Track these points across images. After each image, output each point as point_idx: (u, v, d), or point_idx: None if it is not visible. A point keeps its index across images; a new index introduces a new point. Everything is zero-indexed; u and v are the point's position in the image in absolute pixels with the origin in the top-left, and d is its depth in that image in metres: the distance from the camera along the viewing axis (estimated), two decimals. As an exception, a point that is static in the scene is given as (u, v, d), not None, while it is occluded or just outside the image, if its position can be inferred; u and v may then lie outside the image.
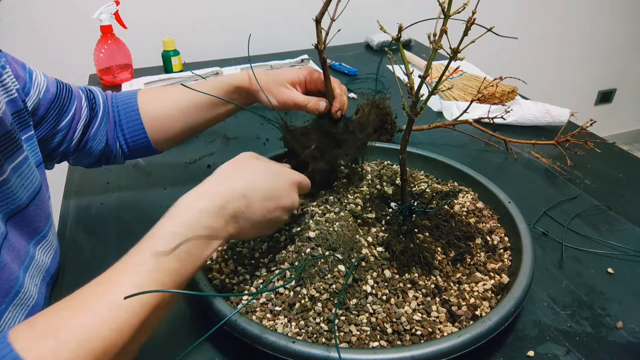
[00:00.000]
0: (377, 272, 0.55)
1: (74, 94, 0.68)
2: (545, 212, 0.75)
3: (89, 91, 0.72)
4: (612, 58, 2.37)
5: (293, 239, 0.59)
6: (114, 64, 1.25)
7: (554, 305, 0.58)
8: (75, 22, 1.41)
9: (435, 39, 0.48)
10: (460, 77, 1.19)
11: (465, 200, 0.69)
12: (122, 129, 0.72)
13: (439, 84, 0.52)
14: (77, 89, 0.70)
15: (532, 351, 0.52)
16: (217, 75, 1.29)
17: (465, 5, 0.46)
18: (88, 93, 0.72)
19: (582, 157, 0.89)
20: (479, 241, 0.61)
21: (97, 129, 0.70)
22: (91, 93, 0.72)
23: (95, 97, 0.72)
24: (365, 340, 0.49)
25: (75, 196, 0.81)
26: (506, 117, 0.90)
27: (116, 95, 0.75)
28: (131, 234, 0.72)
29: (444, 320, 0.52)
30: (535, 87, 1.26)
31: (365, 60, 1.46)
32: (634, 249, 0.67)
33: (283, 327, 0.50)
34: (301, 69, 0.72)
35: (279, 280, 0.55)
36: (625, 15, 2.25)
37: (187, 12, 1.52)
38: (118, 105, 0.73)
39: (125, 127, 0.72)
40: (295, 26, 1.64)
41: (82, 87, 0.72)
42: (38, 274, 0.58)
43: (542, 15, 2.08)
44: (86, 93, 0.72)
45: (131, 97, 0.73)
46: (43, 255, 0.60)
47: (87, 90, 0.72)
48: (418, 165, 0.79)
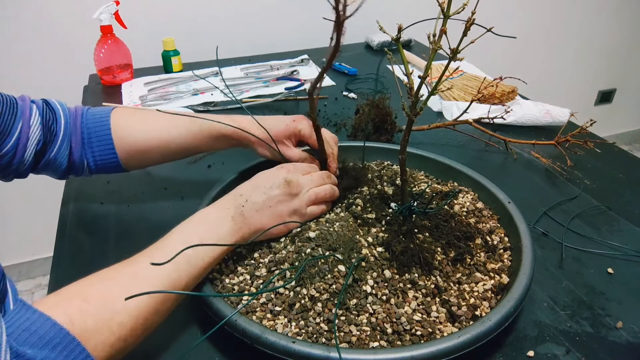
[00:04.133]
0: (377, 272, 0.55)
1: (18, 114, 0.62)
2: (545, 212, 0.75)
3: (48, 108, 0.67)
4: (612, 58, 2.37)
5: (293, 239, 0.59)
6: (114, 64, 1.25)
7: (554, 305, 0.58)
8: (75, 22, 1.41)
9: (435, 39, 0.48)
10: (460, 77, 1.19)
11: (465, 200, 0.69)
12: (92, 149, 0.69)
13: (438, 84, 0.52)
14: (27, 106, 0.64)
15: (532, 351, 0.52)
16: (217, 76, 1.29)
17: (464, 5, 0.46)
18: (45, 111, 0.66)
19: (582, 157, 0.89)
20: (479, 241, 0.61)
21: (57, 152, 0.66)
22: (50, 111, 0.67)
23: (55, 115, 0.67)
24: (365, 341, 0.49)
25: (75, 196, 0.81)
26: (506, 117, 0.90)
27: (88, 113, 0.70)
28: (131, 234, 0.72)
29: (444, 321, 0.52)
30: (535, 87, 1.26)
31: (365, 60, 1.46)
32: (634, 249, 0.67)
33: (283, 327, 0.50)
34: (295, 123, 0.70)
35: (279, 280, 0.55)
36: (625, 15, 2.25)
37: (187, 12, 1.52)
38: (89, 124, 0.69)
39: (96, 147, 0.69)
40: (295, 26, 1.64)
41: (40, 103, 0.67)
42: None
43: (542, 15, 2.08)
44: (42, 111, 0.66)
45: (104, 118, 0.70)
46: None
47: (45, 106, 0.67)
48: (418, 166, 0.79)
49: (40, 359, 0.38)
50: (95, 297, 0.43)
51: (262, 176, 0.61)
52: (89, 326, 0.41)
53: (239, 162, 0.77)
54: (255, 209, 0.57)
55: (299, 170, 0.63)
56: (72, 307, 0.41)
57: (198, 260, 0.51)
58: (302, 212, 0.60)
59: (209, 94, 1.18)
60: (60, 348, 0.38)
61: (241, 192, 0.58)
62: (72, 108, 0.71)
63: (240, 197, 0.58)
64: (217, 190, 0.68)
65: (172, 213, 0.76)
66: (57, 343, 0.38)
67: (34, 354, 0.37)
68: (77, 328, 0.40)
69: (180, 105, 1.11)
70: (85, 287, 0.45)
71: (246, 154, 0.74)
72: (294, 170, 0.62)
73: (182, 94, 1.17)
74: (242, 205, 0.57)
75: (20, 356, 0.37)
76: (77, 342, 0.39)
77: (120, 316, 0.43)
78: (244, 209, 0.56)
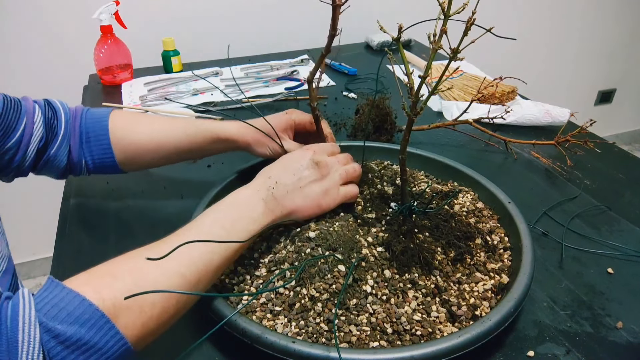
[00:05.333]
0: (377, 272, 0.55)
1: (22, 112, 0.64)
2: (545, 212, 0.75)
3: (50, 108, 0.69)
4: (612, 58, 2.37)
5: (293, 239, 0.59)
6: (114, 64, 1.25)
7: (554, 305, 0.58)
8: (75, 22, 1.41)
9: (435, 39, 0.48)
10: (460, 77, 1.19)
11: (465, 200, 0.69)
12: (90, 149, 0.70)
13: (439, 84, 0.52)
14: (31, 105, 0.66)
15: (532, 351, 0.52)
16: (217, 76, 1.29)
17: (465, 5, 0.46)
18: (47, 110, 0.68)
19: (582, 157, 0.89)
20: (479, 241, 0.61)
21: (57, 150, 0.68)
22: (52, 110, 0.68)
23: (56, 114, 0.68)
24: (365, 340, 0.49)
25: (75, 195, 0.81)
26: (506, 117, 0.89)
27: (88, 113, 0.71)
28: (131, 233, 0.72)
29: (444, 321, 0.52)
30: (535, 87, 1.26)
31: (365, 60, 1.46)
32: (634, 249, 0.67)
33: (283, 327, 0.50)
34: (288, 115, 0.71)
35: (279, 280, 0.55)
36: (626, 15, 2.25)
37: (187, 12, 1.52)
38: (88, 124, 0.70)
39: (94, 147, 0.70)
40: (295, 26, 1.64)
41: (42, 102, 0.68)
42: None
43: (542, 15, 2.08)
44: (44, 110, 0.68)
45: (103, 119, 0.71)
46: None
47: (47, 106, 0.69)
48: (418, 165, 0.79)
49: (70, 334, 0.38)
50: (126, 276, 0.43)
51: (289, 157, 0.61)
52: (119, 303, 0.41)
53: (238, 163, 0.77)
54: (286, 190, 0.57)
55: (324, 150, 0.63)
56: (103, 285, 0.41)
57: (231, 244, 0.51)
58: (334, 191, 0.60)
59: (209, 94, 1.18)
60: (89, 324, 0.38)
61: (269, 175, 0.58)
62: (72, 108, 0.72)
63: (269, 179, 0.57)
64: (216, 190, 0.68)
65: (172, 212, 0.76)
66: (87, 319, 0.38)
67: (64, 330, 0.38)
68: (108, 304, 0.40)
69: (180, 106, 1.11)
70: (116, 266, 0.45)
71: (245, 155, 0.74)
72: (320, 151, 0.62)
73: (182, 94, 1.17)
74: (272, 187, 0.56)
75: (50, 331, 0.37)
76: (107, 319, 0.39)
77: (151, 295, 0.43)
78: (274, 191, 0.56)
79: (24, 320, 0.37)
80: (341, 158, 0.63)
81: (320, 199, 0.59)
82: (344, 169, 0.62)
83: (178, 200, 0.78)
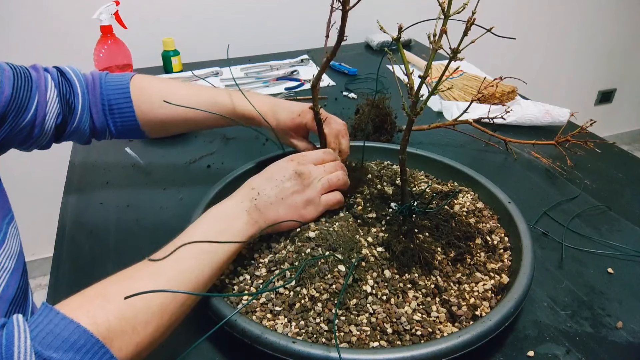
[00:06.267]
0: (377, 272, 0.55)
1: (34, 89, 0.62)
2: (545, 212, 0.75)
3: (64, 80, 0.66)
4: (612, 58, 2.37)
5: (293, 239, 0.59)
6: (114, 64, 1.25)
7: (554, 305, 0.58)
8: (75, 22, 1.41)
9: (435, 39, 0.48)
10: (460, 77, 1.19)
11: (465, 200, 0.69)
12: (114, 118, 0.70)
13: (439, 84, 0.52)
14: (42, 80, 0.63)
15: (532, 351, 0.52)
16: (217, 76, 1.29)
17: (465, 5, 0.46)
18: (61, 84, 0.66)
19: (582, 157, 0.89)
20: (479, 241, 0.61)
21: (78, 123, 0.67)
22: (67, 83, 0.66)
23: (72, 87, 0.67)
24: (365, 341, 0.49)
25: (74, 196, 0.81)
26: (506, 117, 0.89)
27: (107, 82, 0.70)
28: (130, 234, 0.72)
29: (444, 321, 0.52)
30: (535, 87, 1.26)
31: (365, 60, 1.46)
32: (634, 249, 0.67)
33: (283, 327, 0.50)
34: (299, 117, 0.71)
35: (279, 280, 0.55)
36: (625, 15, 2.25)
37: (187, 12, 1.52)
38: (109, 93, 0.69)
39: (118, 117, 0.70)
40: (295, 26, 1.64)
41: (55, 74, 0.66)
42: None
43: (542, 15, 2.08)
44: (58, 84, 0.65)
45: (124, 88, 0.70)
46: None
47: (61, 77, 0.66)
48: (418, 165, 0.79)
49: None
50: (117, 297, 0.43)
51: (272, 169, 0.61)
52: (112, 327, 0.41)
53: (238, 163, 0.77)
54: (269, 202, 0.57)
55: (310, 159, 0.63)
56: (95, 308, 0.41)
57: (219, 254, 0.52)
58: (316, 201, 0.60)
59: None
60: (84, 350, 0.38)
61: (253, 186, 0.59)
62: (89, 75, 0.70)
63: (252, 190, 0.58)
64: (216, 190, 0.68)
65: (171, 213, 0.76)
66: (82, 345, 0.38)
67: (59, 358, 0.37)
68: (101, 329, 0.40)
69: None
70: (107, 287, 0.45)
71: (245, 155, 0.74)
72: (303, 161, 0.62)
73: (182, 94, 1.17)
74: (255, 199, 0.57)
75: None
76: (101, 344, 0.39)
77: (144, 315, 0.43)
78: (257, 202, 0.57)
79: (20, 350, 0.37)
80: (328, 167, 0.63)
81: (302, 209, 0.59)
82: (327, 178, 0.62)
83: (177, 201, 0.78)
